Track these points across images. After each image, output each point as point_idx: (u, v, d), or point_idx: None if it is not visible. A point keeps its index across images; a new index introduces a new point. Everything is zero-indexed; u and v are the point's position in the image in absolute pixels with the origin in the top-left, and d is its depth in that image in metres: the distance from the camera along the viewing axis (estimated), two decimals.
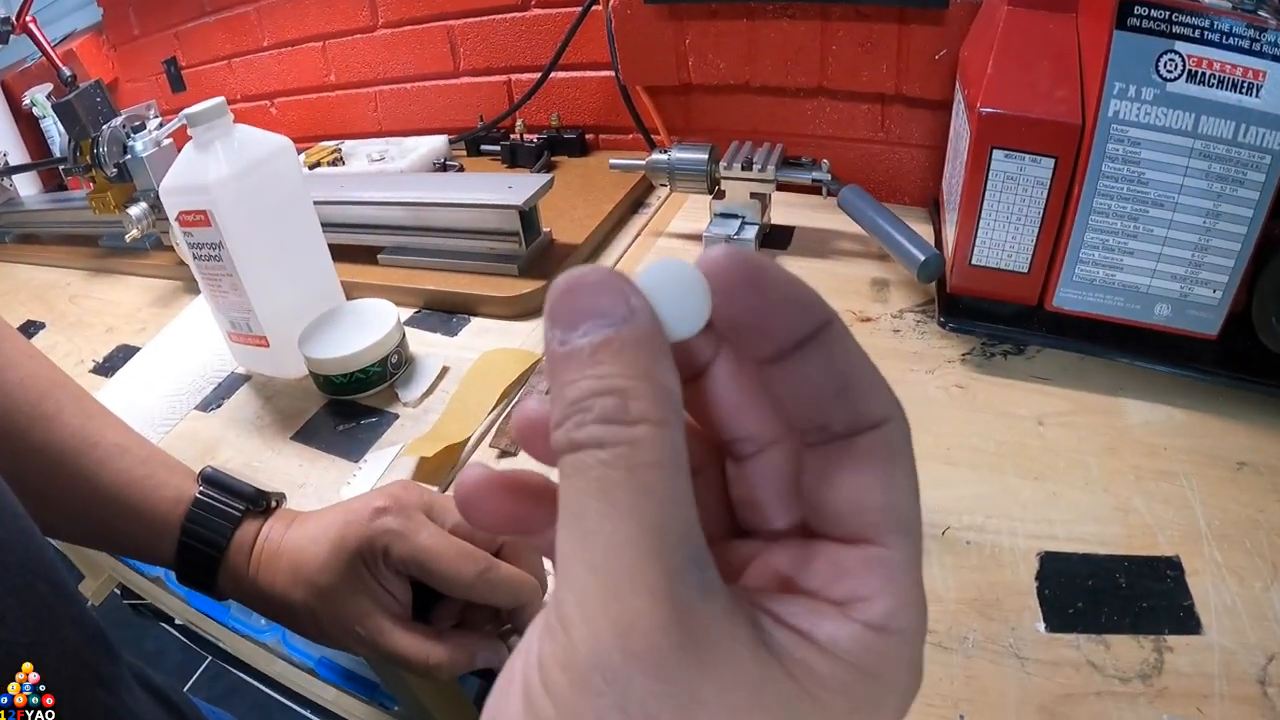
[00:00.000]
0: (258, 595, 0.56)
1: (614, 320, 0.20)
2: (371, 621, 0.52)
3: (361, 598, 0.52)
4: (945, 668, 0.53)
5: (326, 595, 0.52)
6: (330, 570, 0.52)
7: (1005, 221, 0.73)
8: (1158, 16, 0.61)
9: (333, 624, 0.53)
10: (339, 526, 0.53)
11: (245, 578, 0.56)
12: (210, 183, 0.77)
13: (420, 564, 0.52)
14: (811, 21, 1.04)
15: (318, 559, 0.53)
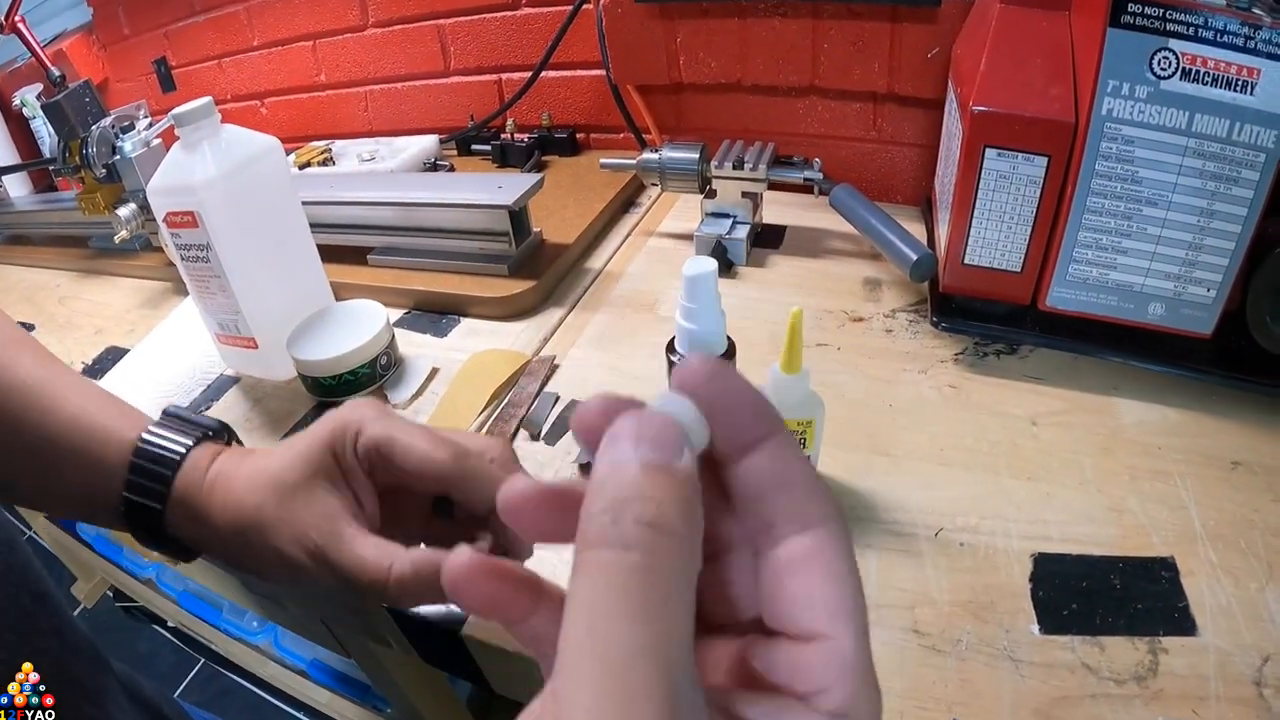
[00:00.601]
0: (206, 519, 0.48)
1: (671, 455, 0.23)
2: (330, 525, 0.45)
3: (325, 496, 0.46)
4: (939, 671, 0.53)
5: (286, 494, 0.46)
6: (295, 466, 0.46)
7: (998, 220, 0.73)
8: (1152, 14, 0.61)
9: (287, 535, 0.45)
10: (309, 433, 0.48)
11: (197, 498, 0.49)
12: (197, 183, 0.77)
13: (393, 444, 0.46)
14: (803, 20, 1.03)
15: (283, 459, 0.47)
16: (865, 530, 0.63)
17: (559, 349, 0.89)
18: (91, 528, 1.65)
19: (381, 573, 0.43)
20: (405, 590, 0.43)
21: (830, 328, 0.86)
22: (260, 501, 0.46)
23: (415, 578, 0.43)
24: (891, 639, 0.55)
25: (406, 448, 0.46)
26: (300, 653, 1.50)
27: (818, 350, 0.82)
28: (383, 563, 0.44)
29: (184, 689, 1.83)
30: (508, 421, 0.78)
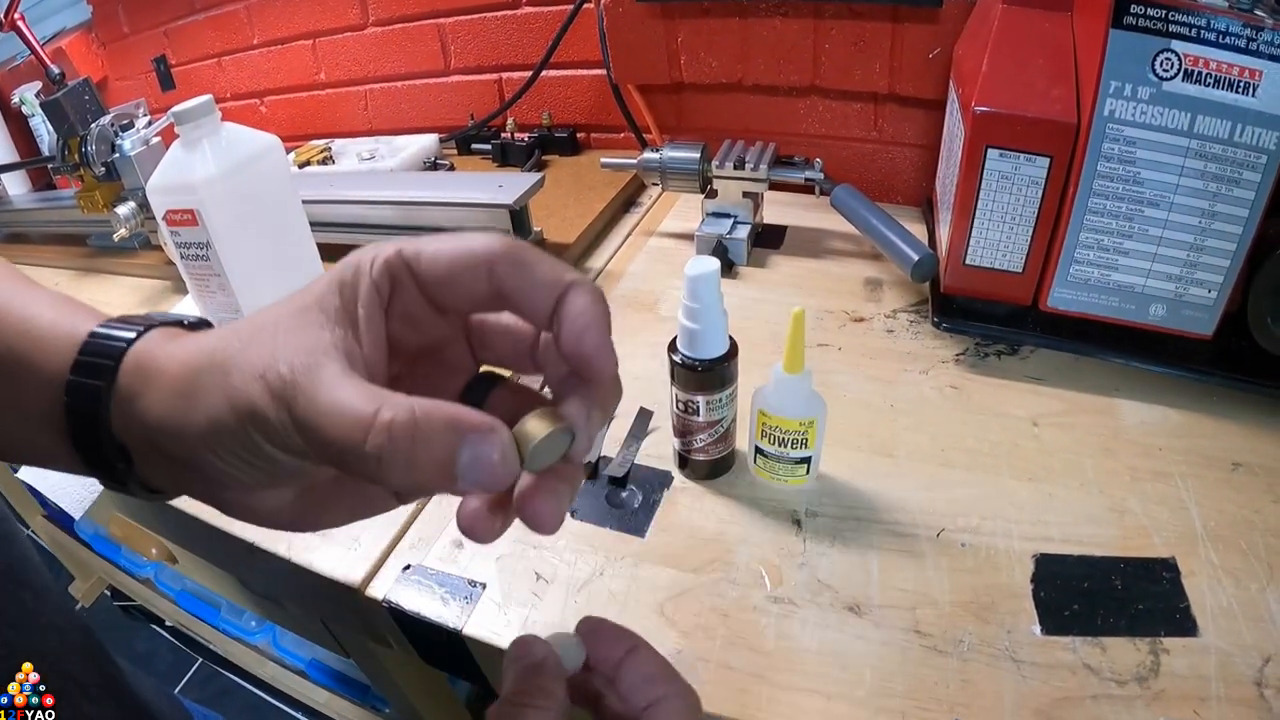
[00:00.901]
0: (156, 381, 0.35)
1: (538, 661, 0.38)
2: (307, 359, 0.31)
3: (314, 330, 0.32)
4: (940, 671, 0.53)
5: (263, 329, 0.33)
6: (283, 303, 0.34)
7: (1000, 221, 0.73)
8: (1154, 15, 0.61)
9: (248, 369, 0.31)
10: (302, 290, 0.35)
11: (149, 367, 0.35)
12: (197, 181, 0.77)
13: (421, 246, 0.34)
14: (804, 20, 1.03)
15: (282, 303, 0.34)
16: (866, 531, 0.63)
17: None
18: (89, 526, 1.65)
19: (363, 419, 0.29)
20: (395, 445, 0.29)
21: (831, 328, 0.86)
22: (229, 335, 0.34)
23: (413, 430, 0.29)
24: (893, 639, 0.55)
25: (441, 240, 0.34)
26: (299, 653, 1.49)
27: (819, 350, 0.82)
28: (367, 405, 0.30)
29: (182, 688, 1.83)
30: None
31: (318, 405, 0.30)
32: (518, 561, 0.64)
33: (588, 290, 0.32)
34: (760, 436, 0.64)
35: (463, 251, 0.33)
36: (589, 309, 0.31)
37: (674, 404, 0.65)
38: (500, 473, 0.30)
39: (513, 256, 0.33)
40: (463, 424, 0.30)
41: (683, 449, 0.68)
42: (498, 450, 0.30)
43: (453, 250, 0.33)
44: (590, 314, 0.31)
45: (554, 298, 0.32)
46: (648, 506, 0.68)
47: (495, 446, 0.30)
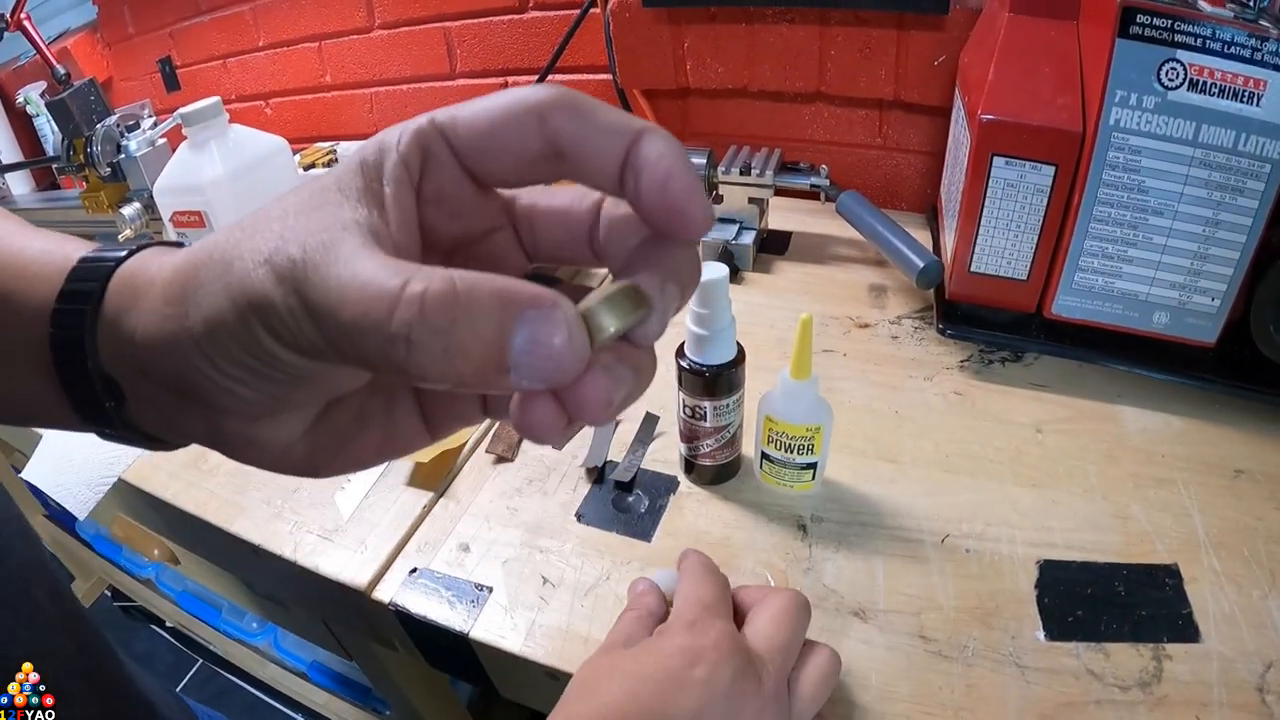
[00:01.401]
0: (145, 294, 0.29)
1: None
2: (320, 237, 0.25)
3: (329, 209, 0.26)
4: (945, 676, 0.53)
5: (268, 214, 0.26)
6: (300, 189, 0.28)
7: (1005, 229, 0.73)
8: (1160, 25, 0.61)
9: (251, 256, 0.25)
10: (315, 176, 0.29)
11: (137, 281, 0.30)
12: (205, 183, 0.77)
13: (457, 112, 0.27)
14: (810, 26, 1.04)
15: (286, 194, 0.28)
16: (872, 536, 0.63)
17: None
18: (90, 526, 1.65)
19: (389, 291, 0.23)
20: (428, 324, 0.22)
21: (836, 334, 0.86)
22: (228, 231, 0.28)
23: (451, 303, 0.22)
24: (898, 644, 0.55)
25: (477, 110, 0.27)
26: (300, 654, 1.49)
27: (824, 356, 0.83)
28: (394, 279, 0.23)
29: (181, 689, 1.83)
30: None
31: (331, 282, 0.24)
32: (524, 565, 0.64)
33: (662, 135, 0.26)
34: (766, 442, 0.64)
35: (509, 104, 0.27)
36: (669, 152, 0.26)
37: (681, 409, 0.66)
38: (568, 360, 0.23)
39: (569, 103, 0.26)
40: (518, 296, 0.23)
41: (689, 454, 0.68)
42: (563, 330, 0.23)
43: (497, 106, 0.27)
44: (672, 157, 0.26)
45: (623, 148, 0.26)
46: (654, 511, 0.68)
47: (560, 325, 0.23)
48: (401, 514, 0.71)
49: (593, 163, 0.26)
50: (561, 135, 0.26)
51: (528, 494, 0.71)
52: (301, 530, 0.71)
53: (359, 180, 0.27)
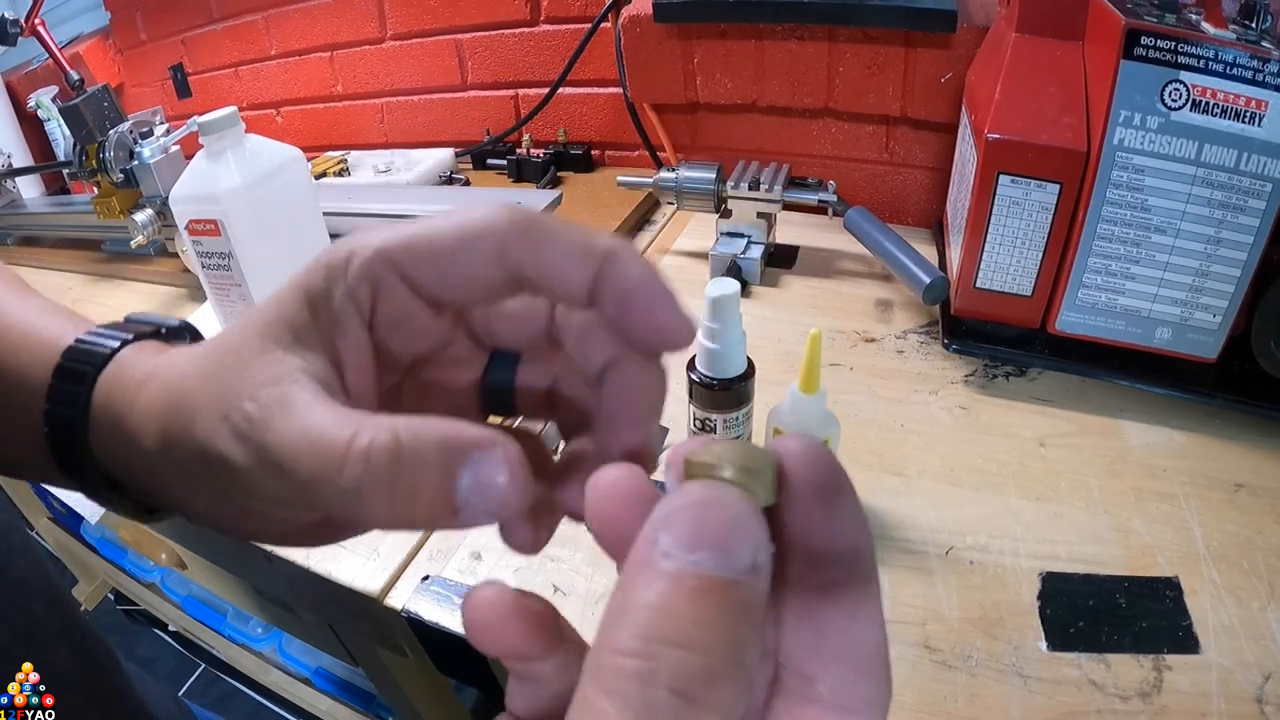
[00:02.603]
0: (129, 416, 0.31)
1: (735, 568, 0.18)
2: (274, 391, 0.26)
3: (281, 356, 0.27)
4: (949, 686, 0.54)
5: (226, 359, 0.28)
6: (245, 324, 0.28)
7: (1010, 245, 0.74)
8: (1164, 47, 0.62)
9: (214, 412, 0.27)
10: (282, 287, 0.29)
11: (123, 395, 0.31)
12: (221, 192, 0.78)
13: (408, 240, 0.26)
14: (819, 43, 1.05)
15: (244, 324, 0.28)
16: (877, 548, 0.63)
17: None
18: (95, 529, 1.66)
19: (337, 448, 0.24)
20: (376, 476, 0.23)
21: (843, 348, 0.87)
22: (193, 374, 0.29)
23: (395, 454, 0.23)
24: (903, 654, 0.56)
25: (434, 228, 0.27)
26: (305, 660, 1.50)
27: (831, 370, 0.84)
28: (342, 433, 0.24)
29: (183, 693, 1.83)
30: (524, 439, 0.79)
31: (285, 441, 0.25)
32: (535, 574, 0.65)
33: (632, 255, 0.26)
34: None
35: (463, 234, 0.26)
36: (646, 275, 0.25)
37: (691, 421, 0.66)
38: (512, 498, 0.24)
39: (527, 231, 0.26)
40: (459, 442, 0.24)
41: None
42: (504, 470, 0.24)
43: (449, 235, 0.26)
44: (649, 280, 0.25)
45: (590, 274, 0.25)
46: None
47: (500, 466, 0.24)
48: None
49: (558, 288, 0.26)
50: (523, 265, 0.26)
51: None
52: None
53: (306, 315, 0.27)
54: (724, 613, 0.18)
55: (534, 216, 0.26)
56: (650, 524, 0.19)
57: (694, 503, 0.19)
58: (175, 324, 0.36)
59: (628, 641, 0.18)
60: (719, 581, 0.18)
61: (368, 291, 0.27)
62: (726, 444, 0.20)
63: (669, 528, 0.18)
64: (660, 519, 0.19)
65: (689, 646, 0.17)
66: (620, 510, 0.21)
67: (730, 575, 0.18)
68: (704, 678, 0.17)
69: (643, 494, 0.21)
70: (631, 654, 0.17)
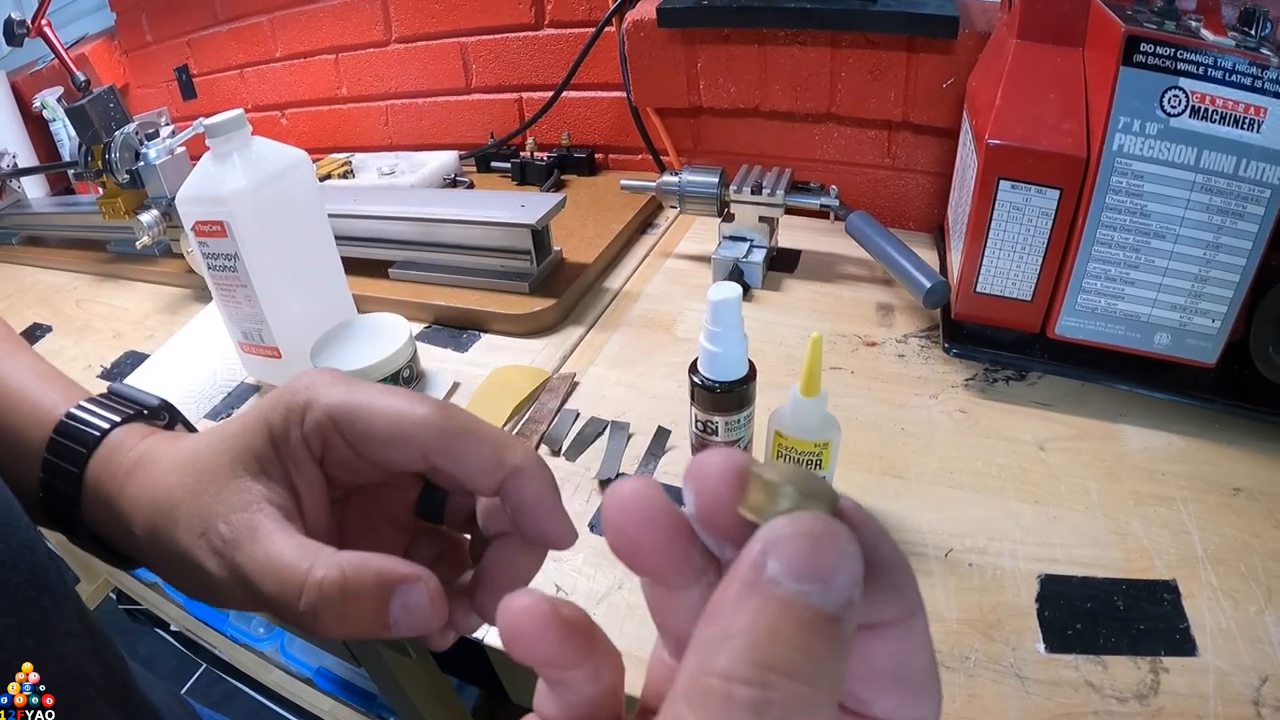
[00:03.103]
0: (120, 508, 0.39)
1: (838, 602, 0.18)
2: (244, 517, 0.34)
3: (249, 484, 0.35)
4: (947, 687, 0.54)
5: (202, 479, 0.36)
6: (218, 447, 0.36)
7: (1010, 250, 0.75)
8: (1163, 54, 0.63)
9: (194, 528, 0.35)
10: (245, 412, 0.38)
11: (112, 483, 0.40)
12: (228, 194, 0.78)
13: (354, 413, 0.34)
14: (822, 49, 1.06)
15: (210, 438, 0.37)
16: None
17: (579, 366, 0.91)
18: None
19: (296, 578, 0.31)
20: (327, 603, 0.31)
21: (844, 352, 0.87)
22: (175, 485, 0.36)
23: (342, 587, 0.31)
24: None
25: (373, 411, 0.34)
26: (307, 660, 1.50)
27: (832, 374, 0.84)
28: (300, 562, 0.31)
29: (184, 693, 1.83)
30: (529, 437, 0.79)
31: (253, 562, 0.32)
32: (538, 575, 0.65)
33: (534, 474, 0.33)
34: (776, 457, 0.65)
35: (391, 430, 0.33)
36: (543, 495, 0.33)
37: (693, 424, 0.67)
38: (433, 619, 0.31)
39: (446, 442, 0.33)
40: (392, 577, 0.31)
41: None
42: (426, 598, 0.31)
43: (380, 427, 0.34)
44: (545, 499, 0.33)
45: (497, 482, 0.33)
46: None
47: (424, 595, 0.31)
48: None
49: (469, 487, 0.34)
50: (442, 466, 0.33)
51: None
52: None
53: (270, 450, 0.35)
54: (831, 647, 0.18)
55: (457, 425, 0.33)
56: (757, 548, 0.19)
57: (805, 533, 0.19)
58: (155, 403, 0.44)
59: (741, 669, 0.18)
60: (827, 614, 0.18)
61: (318, 442, 0.35)
62: (785, 468, 0.21)
63: (778, 554, 0.19)
64: (769, 544, 0.19)
65: (801, 679, 0.18)
66: (636, 524, 0.22)
67: (835, 610, 0.18)
68: (809, 712, 0.17)
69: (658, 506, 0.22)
70: (746, 681, 0.17)
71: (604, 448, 0.77)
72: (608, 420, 0.81)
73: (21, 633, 0.39)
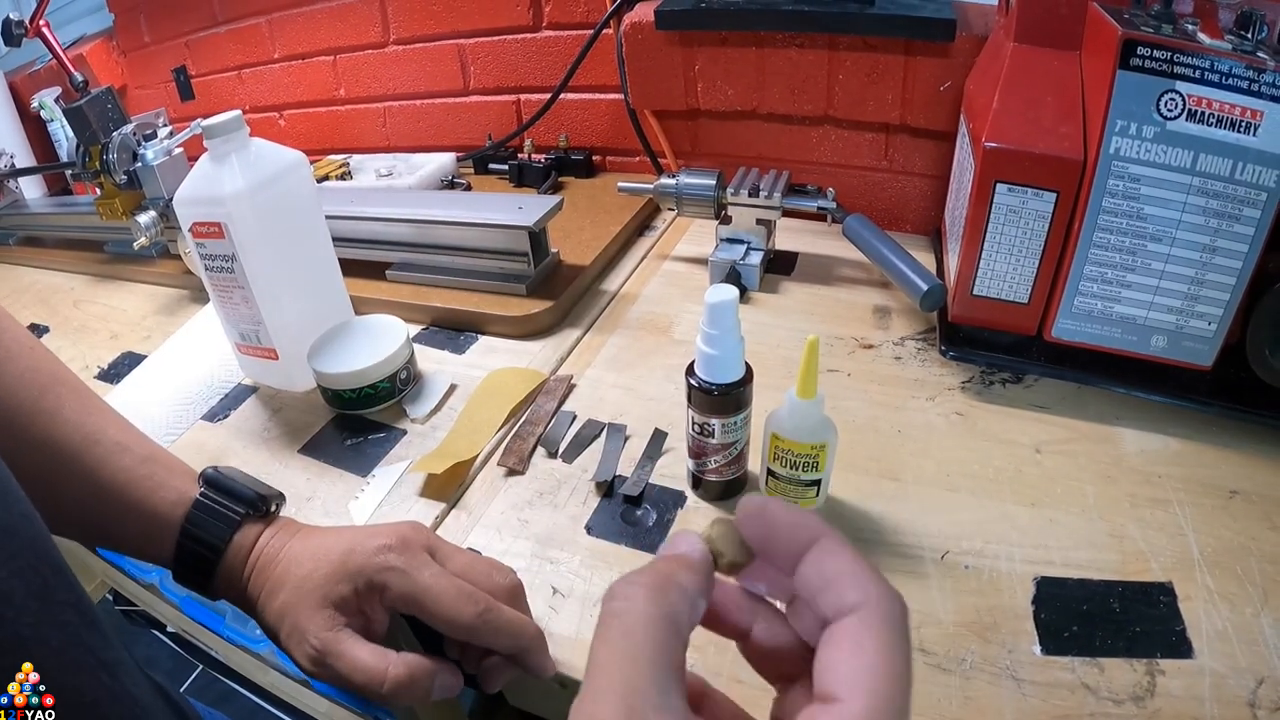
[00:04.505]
0: (246, 599, 0.56)
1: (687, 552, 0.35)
2: (331, 635, 0.51)
3: (334, 615, 0.52)
4: (944, 689, 0.54)
5: (308, 602, 0.52)
6: (322, 585, 0.53)
7: (1007, 253, 0.75)
8: (1160, 57, 0.63)
9: (296, 637, 0.52)
10: (342, 552, 0.54)
11: (238, 581, 0.57)
12: (226, 195, 0.78)
13: (419, 603, 0.52)
14: (820, 51, 1.06)
15: (314, 575, 0.53)
16: (873, 552, 0.65)
17: (576, 369, 0.91)
18: None
19: (379, 673, 0.50)
20: (399, 688, 0.50)
21: (841, 354, 0.88)
22: (287, 599, 0.54)
23: (409, 679, 0.51)
24: None
25: (431, 608, 0.52)
26: None
27: (828, 376, 0.84)
28: (380, 665, 0.51)
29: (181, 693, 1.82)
30: (525, 439, 0.79)
31: (342, 665, 0.51)
32: (535, 576, 0.65)
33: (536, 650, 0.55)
34: (772, 459, 0.65)
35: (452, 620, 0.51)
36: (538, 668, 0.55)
37: (690, 425, 0.67)
38: (455, 688, 0.54)
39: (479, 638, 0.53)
40: (434, 668, 0.52)
41: (697, 470, 0.70)
42: (454, 679, 0.54)
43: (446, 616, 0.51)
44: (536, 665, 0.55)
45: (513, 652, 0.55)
46: (661, 524, 0.69)
47: (452, 677, 0.54)
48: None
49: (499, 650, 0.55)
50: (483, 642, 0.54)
51: (538, 506, 0.73)
52: None
53: (353, 599, 0.53)
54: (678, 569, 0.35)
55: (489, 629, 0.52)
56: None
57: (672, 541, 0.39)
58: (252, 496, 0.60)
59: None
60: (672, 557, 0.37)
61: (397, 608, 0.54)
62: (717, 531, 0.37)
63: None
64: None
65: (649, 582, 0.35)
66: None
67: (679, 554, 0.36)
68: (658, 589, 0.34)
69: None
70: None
71: (601, 450, 0.77)
72: (605, 422, 0.81)
73: (26, 595, 0.41)
